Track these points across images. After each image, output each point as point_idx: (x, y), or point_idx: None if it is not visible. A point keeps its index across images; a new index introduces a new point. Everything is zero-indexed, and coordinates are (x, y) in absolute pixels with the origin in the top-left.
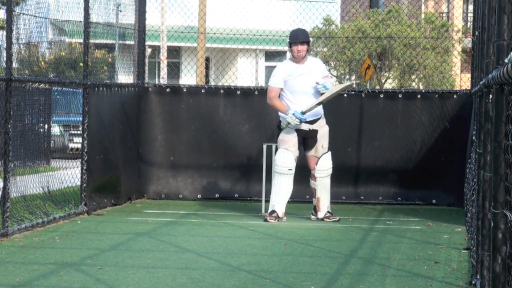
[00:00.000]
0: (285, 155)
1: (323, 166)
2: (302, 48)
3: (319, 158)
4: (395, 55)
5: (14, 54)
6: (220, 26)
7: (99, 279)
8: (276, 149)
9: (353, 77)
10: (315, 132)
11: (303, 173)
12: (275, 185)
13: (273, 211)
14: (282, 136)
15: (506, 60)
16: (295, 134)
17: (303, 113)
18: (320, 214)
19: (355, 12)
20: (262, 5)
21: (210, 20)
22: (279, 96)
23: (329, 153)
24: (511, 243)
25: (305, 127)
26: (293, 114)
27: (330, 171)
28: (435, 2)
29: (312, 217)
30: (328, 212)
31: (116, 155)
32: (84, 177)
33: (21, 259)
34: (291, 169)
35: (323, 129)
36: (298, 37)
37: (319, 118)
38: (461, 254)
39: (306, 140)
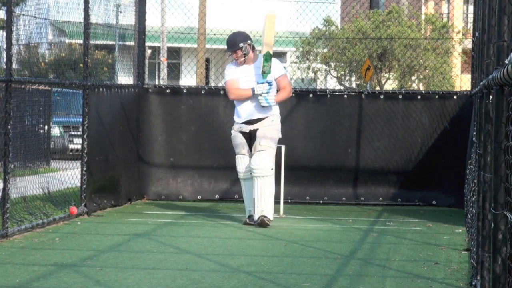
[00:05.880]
0: (239, 161)
1: (254, 163)
2: (236, 55)
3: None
4: (395, 56)
5: (14, 55)
6: (220, 27)
7: (99, 280)
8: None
9: (353, 78)
10: (255, 131)
11: (303, 174)
12: (243, 191)
13: (250, 216)
14: (233, 141)
15: (506, 61)
16: (241, 136)
17: (264, 75)
18: (255, 217)
19: (355, 13)
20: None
21: (210, 21)
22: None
23: (267, 152)
24: (511, 244)
25: (245, 129)
26: (258, 85)
27: (264, 171)
28: (435, 3)
29: (247, 220)
30: (263, 216)
31: (116, 156)
32: (84, 178)
33: (21, 260)
34: (246, 173)
35: (264, 128)
36: (228, 47)
37: (264, 118)
38: (461, 255)
39: (250, 141)
